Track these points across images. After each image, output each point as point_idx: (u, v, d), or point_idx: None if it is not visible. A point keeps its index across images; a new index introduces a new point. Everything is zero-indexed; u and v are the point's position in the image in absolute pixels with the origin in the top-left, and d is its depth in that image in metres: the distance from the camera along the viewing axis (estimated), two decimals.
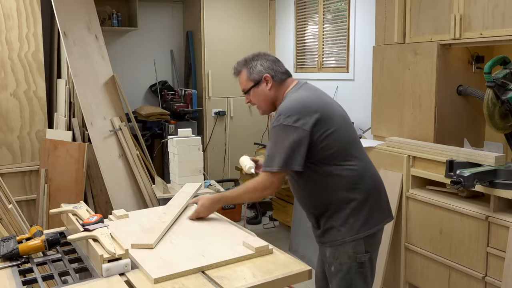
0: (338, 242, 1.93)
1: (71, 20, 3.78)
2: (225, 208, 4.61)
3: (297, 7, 4.99)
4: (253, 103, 2.07)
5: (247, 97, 2.08)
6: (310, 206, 2.03)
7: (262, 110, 2.09)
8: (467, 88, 3.03)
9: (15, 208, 2.97)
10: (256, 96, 2.04)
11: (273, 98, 2.04)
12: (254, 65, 2.03)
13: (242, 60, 2.09)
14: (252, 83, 2.02)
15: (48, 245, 1.75)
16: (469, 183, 2.32)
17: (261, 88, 2.02)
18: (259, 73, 2.02)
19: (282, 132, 1.84)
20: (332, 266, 1.96)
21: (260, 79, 2.01)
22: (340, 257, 1.94)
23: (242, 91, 2.09)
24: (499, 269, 2.38)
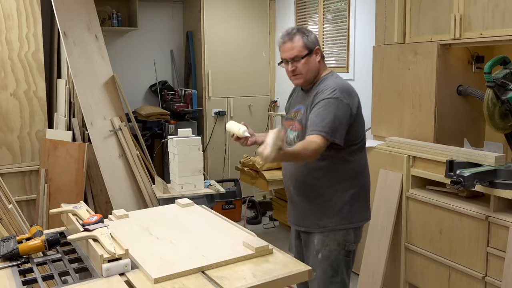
0: (329, 228, 2.01)
1: (71, 20, 3.78)
2: (225, 208, 4.62)
3: (297, 7, 4.98)
4: (299, 71, 2.03)
5: (293, 65, 2.02)
6: (309, 188, 2.04)
7: (304, 80, 2.05)
8: (467, 88, 3.03)
9: (15, 208, 2.97)
10: (307, 65, 2.01)
11: (318, 71, 2.06)
12: (310, 34, 2.03)
13: (295, 28, 2.06)
14: (307, 50, 2.01)
15: (48, 245, 1.75)
16: (469, 183, 2.32)
17: (312, 58, 2.03)
18: (313, 43, 2.03)
19: (336, 104, 1.91)
20: (320, 253, 2.03)
21: (313, 49, 2.02)
22: (329, 244, 2.02)
23: (292, 57, 2.01)
24: (499, 269, 2.38)
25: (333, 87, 1.95)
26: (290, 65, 2.03)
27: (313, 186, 2.04)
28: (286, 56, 2.03)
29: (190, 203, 2.31)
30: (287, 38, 2.02)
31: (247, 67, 5.21)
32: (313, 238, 2.05)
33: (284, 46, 2.03)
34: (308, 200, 2.06)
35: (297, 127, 2.06)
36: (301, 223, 2.12)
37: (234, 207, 4.69)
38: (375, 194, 3.15)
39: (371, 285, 3.06)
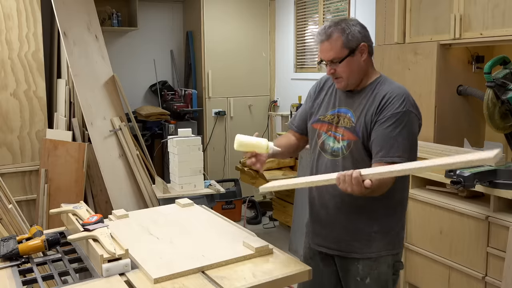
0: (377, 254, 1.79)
1: (71, 20, 3.78)
2: (225, 208, 4.62)
3: (297, 7, 4.98)
4: (338, 74, 1.75)
5: (332, 68, 1.75)
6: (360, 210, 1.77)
7: (346, 84, 1.77)
8: (467, 88, 3.03)
9: (15, 208, 2.97)
10: (348, 67, 1.73)
11: (365, 72, 1.78)
12: (353, 31, 1.72)
13: (333, 23, 1.74)
14: (348, 51, 1.71)
15: (48, 245, 1.75)
16: (469, 183, 2.32)
17: (355, 58, 1.73)
18: (356, 41, 1.72)
19: (410, 119, 1.67)
20: (368, 277, 1.79)
21: (356, 48, 1.72)
22: (379, 267, 1.79)
23: (329, 60, 1.73)
24: (499, 269, 2.38)
25: (402, 96, 1.69)
26: (328, 68, 1.76)
27: (366, 208, 1.77)
28: (323, 57, 1.75)
29: (190, 203, 2.31)
30: (324, 37, 1.73)
31: (247, 67, 5.21)
32: (355, 263, 1.80)
33: (321, 46, 1.75)
34: (353, 221, 1.79)
35: (348, 135, 1.75)
36: (340, 247, 1.83)
37: (234, 207, 4.69)
38: None
39: None
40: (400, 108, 1.67)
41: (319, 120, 1.87)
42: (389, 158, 1.63)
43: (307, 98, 1.99)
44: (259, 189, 1.74)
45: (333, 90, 1.89)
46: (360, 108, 1.76)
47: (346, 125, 1.77)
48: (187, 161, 3.46)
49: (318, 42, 1.76)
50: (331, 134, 1.81)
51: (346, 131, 1.76)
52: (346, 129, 1.77)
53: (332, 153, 1.80)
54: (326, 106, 1.88)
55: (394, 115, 1.66)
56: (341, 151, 1.77)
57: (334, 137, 1.80)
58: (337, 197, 1.79)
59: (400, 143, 1.64)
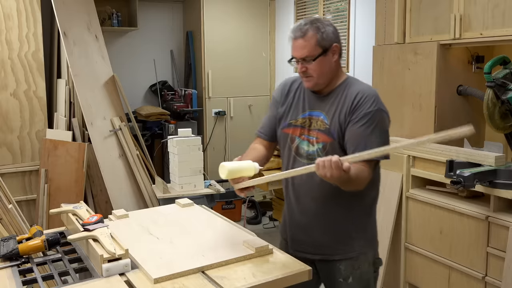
0: (359, 252, 1.82)
1: (71, 20, 3.78)
2: (225, 208, 4.62)
3: (297, 7, 4.98)
4: (310, 73, 1.75)
5: (304, 65, 1.74)
6: (340, 210, 1.80)
7: (316, 83, 1.77)
8: (467, 88, 3.03)
9: (15, 208, 2.97)
10: (320, 66, 1.73)
11: (334, 74, 1.79)
12: (327, 30, 1.73)
13: (308, 21, 1.74)
14: (321, 50, 1.72)
15: (48, 245, 1.75)
16: (469, 183, 2.32)
17: (327, 58, 1.74)
18: (330, 41, 1.73)
19: (382, 117, 1.70)
20: (350, 277, 1.81)
21: (329, 48, 1.73)
22: (361, 266, 1.83)
23: (302, 57, 1.74)
24: (499, 269, 2.38)
25: (371, 96, 1.71)
26: (300, 65, 1.76)
27: (344, 209, 1.81)
28: (296, 55, 1.75)
29: (190, 203, 2.31)
30: (299, 34, 1.72)
31: (247, 67, 5.21)
32: (337, 264, 1.82)
33: (295, 43, 1.74)
34: (334, 224, 1.82)
35: (322, 138, 1.76)
36: (322, 251, 1.84)
37: (234, 207, 4.69)
38: None
39: None
40: (372, 107, 1.69)
41: (291, 125, 1.86)
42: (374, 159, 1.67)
43: (273, 104, 1.96)
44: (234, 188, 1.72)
45: (300, 93, 1.88)
46: (333, 109, 1.76)
47: (319, 127, 1.78)
48: (187, 161, 3.46)
49: (291, 39, 1.75)
50: (305, 138, 1.80)
51: (320, 134, 1.77)
52: (320, 131, 1.77)
53: (308, 156, 1.79)
54: (295, 110, 1.86)
55: (366, 115, 1.69)
56: (316, 153, 1.77)
57: (308, 141, 1.80)
58: (317, 201, 1.80)
59: (373, 141, 1.65)
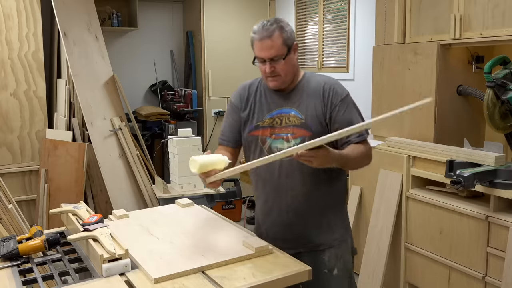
0: (340, 240, 1.87)
1: (71, 20, 3.78)
2: (225, 208, 4.62)
3: (297, 7, 4.99)
4: (278, 72, 1.76)
5: (272, 65, 1.74)
6: (323, 200, 1.84)
7: (283, 81, 1.79)
8: (467, 88, 3.03)
9: (15, 208, 2.97)
10: (286, 65, 1.75)
11: (297, 70, 1.83)
12: (289, 30, 1.76)
13: (272, 21, 1.75)
14: (287, 49, 1.74)
15: (48, 245, 1.75)
16: (469, 183, 2.32)
17: (291, 56, 1.77)
18: (292, 39, 1.76)
19: (351, 99, 1.81)
20: (335, 269, 1.84)
21: (291, 46, 1.76)
22: (343, 255, 1.87)
23: (271, 57, 1.73)
24: (499, 269, 2.38)
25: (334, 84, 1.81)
26: (268, 66, 1.75)
27: (322, 198, 1.84)
28: (264, 55, 1.74)
29: (190, 203, 2.31)
30: (265, 35, 1.72)
31: (247, 67, 5.18)
32: (321, 255, 1.83)
33: (261, 43, 1.73)
34: (316, 218, 1.84)
35: (300, 132, 1.77)
36: (305, 244, 1.85)
37: (234, 207, 4.69)
38: (375, 194, 3.15)
39: (371, 285, 3.06)
40: (343, 93, 1.81)
41: (258, 127, 1.85)
42: (360, 137, 1.76)
43: (232, 110, 1.95)
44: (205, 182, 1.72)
45: (261, 95, 1.88)
46: (304, 103, 1.80)
47: (294, 123, 1.79)
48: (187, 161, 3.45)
49: (257, 39, 1.74)
50: (277, 137, 1.80)
51: (296, 129, 1.78)
52: (296, 127, 1.78)
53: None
54: (260, 112, 1.86)
55: (342, 101, 1.78)
56: None
57: (282, 138, 1.80)
58: (297, 198, 1.82)
59: (359, 121, 1.77)
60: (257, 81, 1.93)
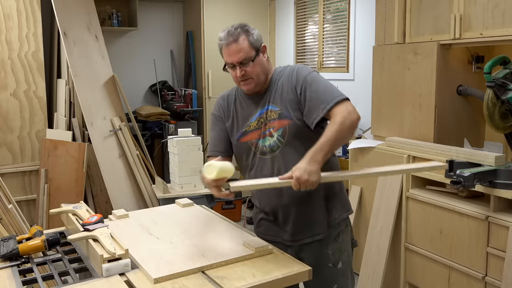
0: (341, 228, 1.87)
1: (71, 20, 3.78)
2: (225, 208, 4.62)
3: (297, 7, 4.99)
4: (249, 76, 1.79)
5: (242, 69, 1.78)
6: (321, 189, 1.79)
7: (255, 84, 1.82)
8: (467, 88, 3.03)
9: (15, 208, 2.97)
10: (256, 67, 1.78)
11: (268, 71, 1.86)
12: (255, 32, 1.80)
13: (236, 26, 1.80)
14: (255, 51, 1.78)
15: (48, 245, 1.75)
16: (469, 183, 2.32)
17: (260, 58, 1.81)
18: (259, 41, 1.80)
19: (318, 75, 1.79)
20: (340, 262, 1.85)
21: (259, 48, 1.80)
22: (347, 248, 1.88)
23: (240, 61, 1.77)
24: (499, 269, 2.38)
25: (299, 67, 1.82)
26: (238, 70, 1.78)
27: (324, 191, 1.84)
28: (233, 60, 1.77)
29: (190, 203, 2.31)
30: (231, 40, 1.76)
31: None
32: (324, 249, 1.84)
33: (229, 48, 1.77)
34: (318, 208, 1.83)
35: (279, 124, 1.79)
36: (308, 234, 1.84)
37: (234, 207, 4.69)
38: (375, 194, 3.15)
39: (371, 285, 3.06)
40: (306, 71, 1.79)
41: (246, 132, 1.87)
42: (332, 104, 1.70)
43: (216, 121, 1.98)
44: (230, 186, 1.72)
45: (241, 102, 1.92)
46: (277, 96, 1.81)
47: (272, 117, 1.81)
48: (187, 161, 3.46)
49: (224, 45, 1.79)
50: (263, 135, 1.82)
51: (275, 122, 1.80)
52: (274, 120, 1.80)
53: (272, 149, 1.81)
54: (244, 118, 1.89)
55: (307, 77, 1.77)
56: (278, 142, 1.79)
57: (267, 135, 1.82)
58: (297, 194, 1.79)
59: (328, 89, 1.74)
60: (233, 90, 1.98)
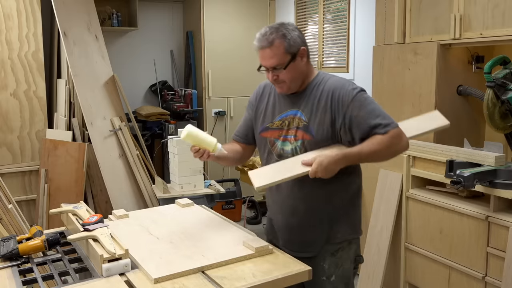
0: (343, 245, 1.82)
1: (71, 20, 3.78)
2: (225, 208, 4.62)
3: (297, 7, 4.98)
4: (282, 79, 1.75)
5: (275, 74, 1.74)
6: (329, 203, 1.79)
7: (288, 88, 1.78)
8: (467, 88, 3.03)
9: (15, 208, 2.97)
10: (290, 72, 1.73)
11: (305, 75, 1.80)
12: (293, 36, 1.72)
13: (273, 29, 1.73)
14: (290, 57, 1.72)
15: (48, 245, 1.75)
16: (469, 183, 2.32)
17: (297, 63, 1.74)
18: (297, 45, 1.73)
19: (367, 96, 1.74)
20: (333, 276, 1.82)
21: (297, 52, 1.74)
22: (343, 264, 1.84)
23: (272, 66, 1.73)
24: (499, 269, 2.38)
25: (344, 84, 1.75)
26: (271, 74, 1.75)
27: (334, 200, 1.80)
28: (266, 64, 1.75)
29: (190, 203, 2.31)
30: (265, 44, 1.72)
31: (247, 67, 5.21)
32: (320, 263, 1.81)
33: (262, 52, 1.74)
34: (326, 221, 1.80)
35: (301, 135, 1.77)
36: (308, 249, 1.83)
37: (234, 207, 4.69)
38: (375, 194, 3.15)
39: (371, 285, 3.06)
40: (353, 93, 1.72)
41: (268, 128, 1.87)
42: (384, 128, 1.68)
43: (248, 107, 1.99)
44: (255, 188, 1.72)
45: (274, 96, 1.89)
46: (309, 106, 1.77)
47: (298, 125, 1.78)
48: (187, 161, 3.46)
49: (258, 48, 1.75)
50: (284, 139, 1.81)
51: (299, 131, 1.78)
52: (298, 129, 1.78)
53: (288, 156, 1.79)
54: (271, 113, 1.87)
55: (354, 101, 1.70)
56: (294, 151, 1.78)
57: (287, 140, 1.80)
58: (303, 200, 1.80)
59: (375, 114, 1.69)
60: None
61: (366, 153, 1.67)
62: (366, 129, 1.69)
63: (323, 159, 1.62)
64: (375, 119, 1.69)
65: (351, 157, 1.67)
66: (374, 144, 1.67)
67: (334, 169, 1.64)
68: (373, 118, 1.69)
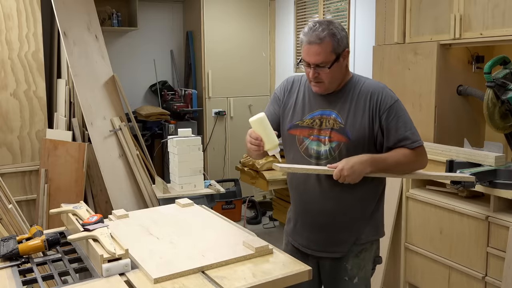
0: (366, 246, 1.83)
1: (71, 20, 3.78)
2: (225, 208, 4.62)
3: (297, 7, 4.98)
4: (321, 79, 1.73)
5: (316, 71, 1.71)
6: (357, 206, 1.81)
7: (326, 88, 1.76)
8: (467, 88, 3.03)
9: (15, 208, 2.97)
10: (332, 73, 1.71)
11: (344, 77, 1.79)
12: (342, 36, 1.70)
13: (324, 25, 1.69)
14: (335, 56, 1.70)
15: (48, 245, 1.75)
16: (469, 183, 2.32)
17: (340, 63, 1.73)
18: (344, 46, 1.72)
19: (403, 107, 1.77)
20: (356, 277, 1.83)
21: (341, 53, 1.72)
22: (366, 265, 1.85)
23: (317, 63, 1.70)
24: (499, 269, 2.38)
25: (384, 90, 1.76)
26: (312, 71, 1.71)
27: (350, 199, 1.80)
28: (310, 60, 1.70)
29: (190, 203, 2.31)
30: (315, 40, 1.68)
31: (247, 67, 5.21)
32: (343, 263, 1.82)
33: (309, 48, 1.69)
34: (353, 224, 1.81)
35: (336, 137, 1.75)
36: (336, 249, 1.84)
37: (234, 207, 4.69)
38: None
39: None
40: (392, 100, 1.75)
41: (297, 126, 1.84)
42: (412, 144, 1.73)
43: (274, 100, 1.94)
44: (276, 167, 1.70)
45: (304, 93, 1.86)
46: (346, 108, 1.76)
47: (333, 126, 1.76)
48: (187, 161, 3.46)
49: (306, 43, 1.71)
50: (314, 138, 1.79)
51: (334, 133, 1.76)
52: (334, 130, 1.76)
53: (320, 156, 1.78)
54: (301, 110, 1.84)
55: (391, 108, 1.73)
56: (328, 153, 1.76)
57: (319, 140, 1.78)
58: (333, 200, 1.80)
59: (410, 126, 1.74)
60: (304, 77, 1.88)
61: (392, 162, 1.71)
62: (396, 140, 1.72)
63: (350, 158, 1.66)
64: (406, 132, 1.73)
65: (377, 162, 1.69)
66: (400, 155, 1.71)
67: (361, 170, 1.65)
68: (405, 131, 1.72)
